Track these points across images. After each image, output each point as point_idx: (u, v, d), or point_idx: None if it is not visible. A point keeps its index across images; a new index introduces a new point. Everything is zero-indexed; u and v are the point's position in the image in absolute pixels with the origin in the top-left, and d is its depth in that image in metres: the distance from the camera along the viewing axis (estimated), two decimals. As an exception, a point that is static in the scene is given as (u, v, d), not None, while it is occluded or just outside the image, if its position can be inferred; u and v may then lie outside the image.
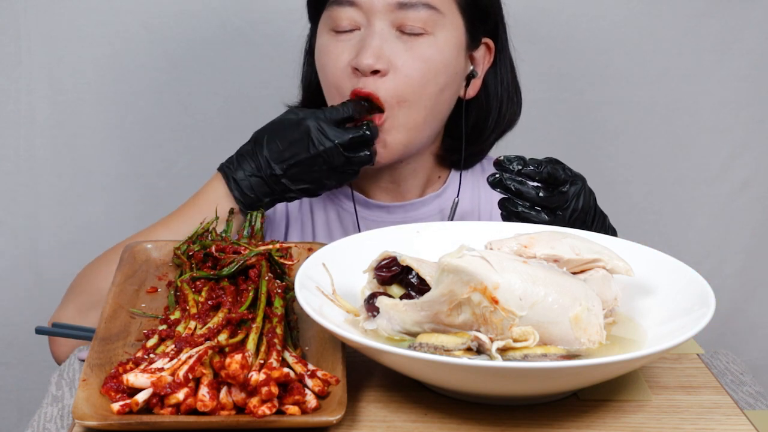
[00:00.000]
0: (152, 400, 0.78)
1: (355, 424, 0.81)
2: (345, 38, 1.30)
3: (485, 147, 1.46)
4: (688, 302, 0.90)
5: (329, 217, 1.43)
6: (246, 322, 0.87)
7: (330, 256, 0.97)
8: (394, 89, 1.28)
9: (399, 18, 1.28)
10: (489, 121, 1.42)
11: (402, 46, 1.28)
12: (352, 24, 1.30)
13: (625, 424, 0.82)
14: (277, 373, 0.78)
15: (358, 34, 1.30)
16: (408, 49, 1.28)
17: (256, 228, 1.14)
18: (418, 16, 1.28)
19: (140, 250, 1.09)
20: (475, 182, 1.46)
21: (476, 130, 1.42)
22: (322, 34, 1.33)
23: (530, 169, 1.14)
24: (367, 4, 1.28)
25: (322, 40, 1.33)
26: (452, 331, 0.86)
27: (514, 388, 0.81)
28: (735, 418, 0.83)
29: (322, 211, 1.44)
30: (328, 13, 1.31)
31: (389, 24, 1.28)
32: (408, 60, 1.28)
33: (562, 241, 0.95)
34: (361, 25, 1.30)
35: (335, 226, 1.42)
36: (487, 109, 1.41)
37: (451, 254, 0.84)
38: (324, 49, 1.32)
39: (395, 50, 1.28)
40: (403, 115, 1.29)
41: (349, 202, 1.42)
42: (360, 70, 1.27)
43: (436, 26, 1.29)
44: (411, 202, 1.42)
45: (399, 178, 1.41)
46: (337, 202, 1.43)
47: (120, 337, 0.90)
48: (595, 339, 0.86)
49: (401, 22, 1.28)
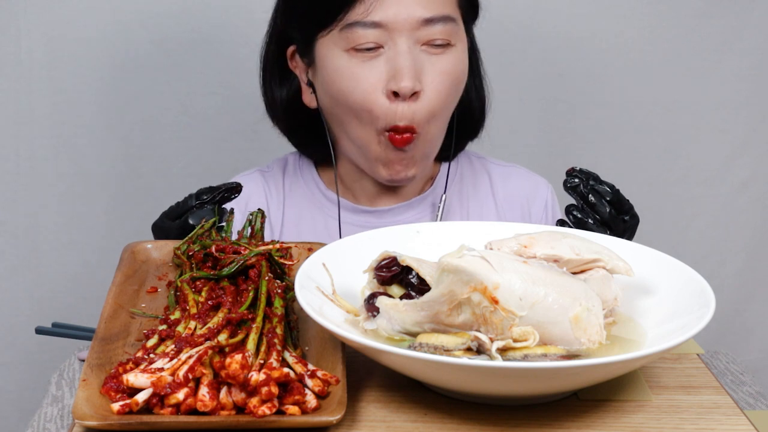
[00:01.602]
0: (152, 400, 0.78)
1: (355, 424, 0.81)
2: (368, 58, 1.26)
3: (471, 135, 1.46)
4: (688, 302, 0.90)
5: (317, 227, 1.42)
6: (246, 322, 0.87)
7: (330, 256, 0.97)
8: (427, 109, 1.27)
9: (423, 35, 1.26)
10: (473, 108, 1.42)
11: (427, 62, 1.27)
12: (376, 43, 1.26)
13: (625, 424, 0.82)
14: (277, 373, 0.78)
15: (382, 52, 1.26)
16: (432, 64, 1.27)
17: (256, 228, 1.14)
18: (440, 30, 1.27)
19: (140, 250, 1.09)
20: (463, 177, 1.46)
21: (463, 123, 1.41)
22: (336, 55, 1.28)
23: (603, 188, 1.15)
24: (392, 24, 1.25)
25: (339, 62, 1.27)
26: (452, 331, 0.86)
27: (514, 388, 0.81)
28: (735, 418, 0.83)
29: (309, 220, 1.43)
30: (345, 34, 1.26)
31: (414, 41, 1.26)
32: (436, 76, 1.27)
33: (562, 241, 0.95)
34: (384, 43, 1.26)
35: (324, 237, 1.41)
36: (469, 101, 1.41)
37: (451, 254, 0.84)
38: (347, 72, 1.27)
39: (424, 67, 1.27)
40: (431, 129, 1.30)
41: (335, 208, 1.41)
42: (400, 95, 1.25)
43: (456, 37, 1.29)
44: (398, 206, 1.41)
45: (401, 189, 1.41)
46: (326, 211, 1.42)
47: (120, 337, 0.90)
48: (595, 339, 0.86)
49: (425, 39, 1.26)
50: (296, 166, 1.47)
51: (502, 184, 1.46)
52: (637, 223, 1.20)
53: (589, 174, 1.16)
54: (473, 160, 1.49)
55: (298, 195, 1.45)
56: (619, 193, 1.17)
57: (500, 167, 1.49)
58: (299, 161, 1.48)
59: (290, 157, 1.49)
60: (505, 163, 1.50)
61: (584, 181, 1.15)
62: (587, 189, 1.15)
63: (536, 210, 1.45)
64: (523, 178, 1.48)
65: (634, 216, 1.19)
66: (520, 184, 1.46)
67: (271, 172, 1.47)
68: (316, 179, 1.45)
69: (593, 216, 1.15)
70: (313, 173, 1.45)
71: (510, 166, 1.49)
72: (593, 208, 1.15)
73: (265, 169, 1.48)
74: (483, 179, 1.47)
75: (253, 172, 1.48)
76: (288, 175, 1.47)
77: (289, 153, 1.50)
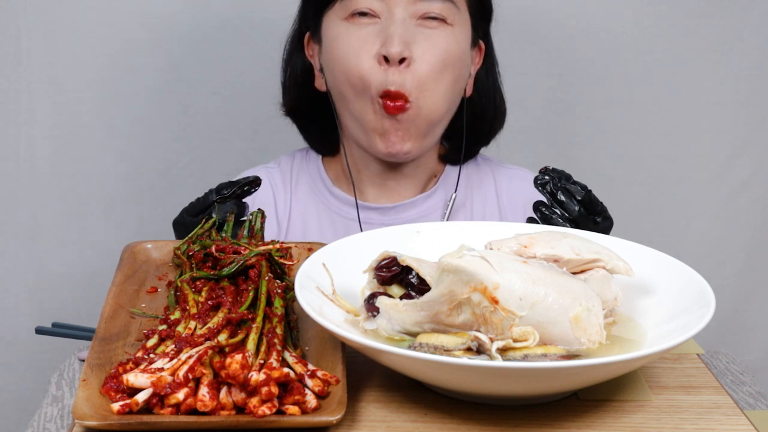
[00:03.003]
0: (152, 400, 0.78)
1: (355, 424, 0.81)
2: (364, 25, 1.32)
3: (484, 143, 1.48)
4: (688, 302, 0.90)
5: (322, 222, 1.43)
6: (246, 322, 0.87)
7: (330, 256, 0.97)
8: (417, 77, 1.30)
9: (420, 8, 1.31)
10: (487, 118, 1.45)
11: (421, 35, 1.31)
12: (372, 10, 1.31)
13: (625, 424, 0.82)
14: (277, 373, 0.78)
15: (378, 22, 1.31)
16: (427, 38, 1.31)
17: (256, 228, 1.14)
18: (438, 6, 1.31)
19: (140, 250, 1.09)
20: (469, 178, 1.47)
21: (475, 128, 1.44)
22: (336, 24, 1.34)
23: (575, 188, 1.16)
24: None
25: (337, 30, 1.33)
26: (452, 331, 0.86)
27: (514, 388, 0.81)
28: (735, 418, 0.83)
29: (315, 216, 1.44)
30: (344, 3, 1.32)
31: (410, 14, 1.31)
32: (428, 48, 1.31)
33: (562, 241, 0.95)
34: (381, 14, 1.31)
35: (329, 234, 1.42)
36: (482, 107, 1.44)
37: (451, 254, 0.84)
38: (344, 38, 1.33)
39: (416, 38, 1.30)
40: (424, 104, 1.32)
41: (343, 206, 1.43)
42: (389, 59, 1.29)
43: (453, 18, 1.33)
44: (402, 203, 1.43)
45: (402, 178, 1.42)
46: (331, 206, 1.44)
47: (120, 337, 0.90)
48: (595, 339, 0.86)
49: (422, 12, 1.31)
50: (303, 162, 1.49)
51: (506, 187, 1.47)
52: (610, 226, 1.21)
53: (561, 173, 1.18)
54: (479, 161, 1.50)
55: (305, 191, 1.46)
56: (591, 193, 1.18)
57: (506, 170, 1.50)
58: (306, 157, 1.49)
59: (297, 154, 1.51)
60: (511, 166, 1.51)
61: (555, 179, 1.17)
62: (557, 187, 1.16)
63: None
64: (528, 181, 1.48)
65: (608, 218, 1.20)
66: (525, 188, 1.46)
67: (278, 168, 1.49)
68: (323, 176, 1.46)
69: (561, 213, 1.16)
70: (321, 170, 1.47)
71: (516, 169, 1.50)
72: (561, 206, 1.16)
73: (272, 165, 1.50)
74: (488, 181, 1.48)
75: (259, 169, 1.50)
76: (295, 171, 1.48)
77: (296, 150, 1.51)
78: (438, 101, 1.33)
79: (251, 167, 1.52)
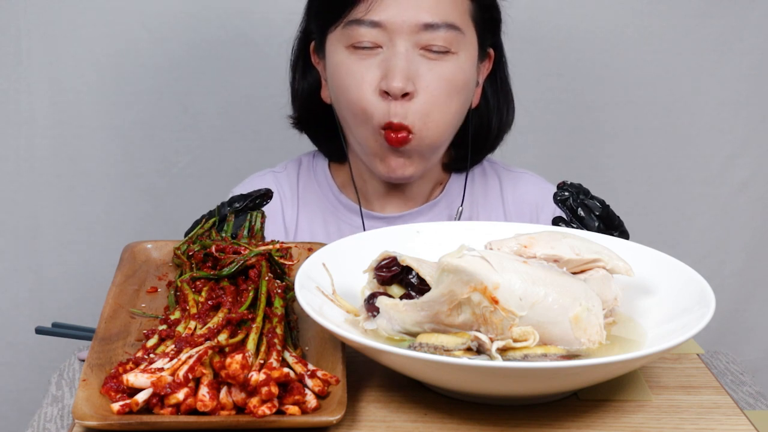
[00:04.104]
0: (152, 400, 0.78)
1: (355, 424, 0.81)
2: (366, 56, 1.28)
3: (489, 151, 1.46)
4: (688, 302, 0.90)
5: (329, 229, 1.43)
6: (246, 322, 0.87)
7: (330, 256, 0.97)
8: (421, 110, 1.28)
9: (423, 39, 1.27)
10: (492, 126, 1.43)
11: (425, 66, 1.28)
12: (374, 43, 1.28)
13: (625, 424, 0.82)
14: (277, 373, 0.78)
15: (380, 52, 1.28)
16: (431, 69, 1.28)
17: (256, 228, 1.14)
18: (441, 36, 1.27)
19: (140, 250, 1.09)
20: (474, 186, 1.46)
21: (480, 137, 1.43)
22: (338, 51, 1.31)
23: (594, 203, 1.16)
24: (392, 25, 1.26)
25: (339, 57, 1.30)
26: (452, 331, 0.86)
27: (514, 388, 0.81)
28: (735, 418, 0.83)
29: (322, 223, 1.43)
30: (347, 31, 1.29)
31: (412, 44, 1.28)
32: (432, 80, 1.28)
33: (562, 241, 0.95)
34: (383, 44, 1.28)
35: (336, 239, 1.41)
36: (488, 115, 1.42)
37: (451, 254, 0.84)
38: (345, 68, 1.30)
39: (420, 71, 1.28)
40: (427, 135, 1.30)
41: (350, 215, 1.42)
42: (390, 94, 1.26)
43: (458, 46, 1.29)
44: (409, 212, 1.42)
45: (407, 188, 1.41)
46: (338, 214, 1.43)
47: (120, 337, 0.90)
48: (595, 339, 0.86)
49: (425, 43, 1.28)
50: (310, 168, 1.47)
51: (511, 190, 1.46)
52: (627, 239, 1.20)
53: (579, 188, 1.17)
54: (485, 164, 1.49)
55: (313, 198, 1.45)
56: (609, 208, 1.17)
57: (511, 173, 1.49)
58: (313, 162, 1.48)
59: (304, 159, 1.49)
60: (517, 169, 1.50)
61: (574, 194, 1.16)
62: (577, 203, 1.16)
63: (545, 218, 1.44)
64: (534, 185, 1.47)
65: (624, 232, 1.19)
66: (530, 191, 1.46)
67: (285, 173, 1.47)
68: (330, 182, 1.45)
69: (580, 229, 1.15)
70: (327, 176, 1.46)
71: (521, 173, 1.49)
72: (581, 222, 1.15)
73: (278, 170, 1.48)
74: (493, 184, 1.47)
75: (265, 173, 1.48)
76: (302, 177, 1.47)
77: (302, 154, 1.50)
78: (442, 128, 1.31)
79: (251, 167, 1.52)
